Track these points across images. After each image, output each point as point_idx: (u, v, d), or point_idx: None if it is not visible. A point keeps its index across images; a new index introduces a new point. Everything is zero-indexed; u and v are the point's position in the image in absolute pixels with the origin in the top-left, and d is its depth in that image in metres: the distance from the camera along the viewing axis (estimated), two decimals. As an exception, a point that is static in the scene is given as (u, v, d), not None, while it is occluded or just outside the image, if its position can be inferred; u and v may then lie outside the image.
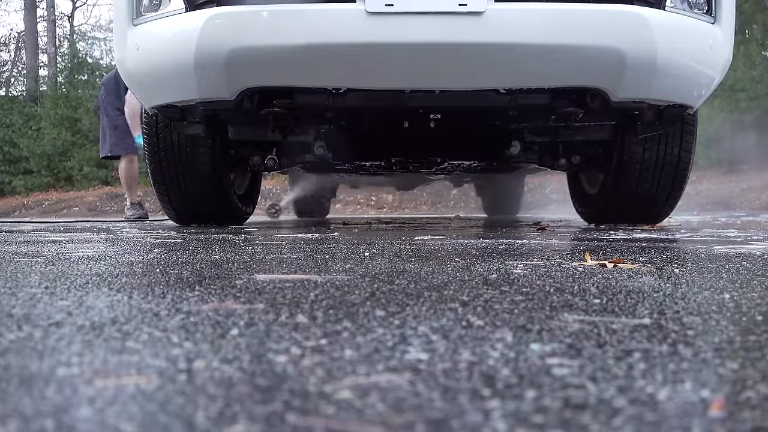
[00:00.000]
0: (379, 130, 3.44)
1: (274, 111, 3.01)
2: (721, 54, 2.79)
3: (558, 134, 3.43)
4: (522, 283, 0.98)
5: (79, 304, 0.78)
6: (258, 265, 1.28)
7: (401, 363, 0.50)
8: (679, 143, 3.24)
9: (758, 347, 0.56)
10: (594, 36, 2.53)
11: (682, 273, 1.12)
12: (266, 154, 3.45)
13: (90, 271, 1.15)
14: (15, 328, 0.64)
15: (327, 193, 7.08)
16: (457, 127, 3.33)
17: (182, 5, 2.66)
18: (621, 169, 3.33)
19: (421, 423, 0.37)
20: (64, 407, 0.40)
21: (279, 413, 0.39)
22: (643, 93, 2.72)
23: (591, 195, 3.84)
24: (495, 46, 2.51)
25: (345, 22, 2.49)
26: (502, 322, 0.67)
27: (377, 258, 1.41)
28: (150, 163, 3.32)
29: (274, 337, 0.60)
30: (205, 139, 3.17)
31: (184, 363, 0.51)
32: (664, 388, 0.44)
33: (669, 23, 2.61)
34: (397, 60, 2.55)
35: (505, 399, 0.41)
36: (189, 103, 2.85)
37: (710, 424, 0.37)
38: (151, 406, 0.40)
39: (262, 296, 0.84)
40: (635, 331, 0.63)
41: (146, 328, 0.64)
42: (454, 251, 1.61)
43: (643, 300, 0.81)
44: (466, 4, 2.45)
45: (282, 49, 2.54)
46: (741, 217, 5.29)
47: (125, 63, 2.86)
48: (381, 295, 0.86)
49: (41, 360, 0.52)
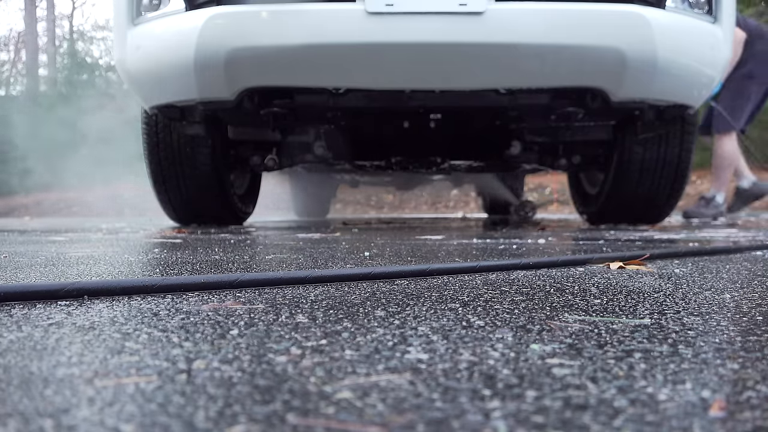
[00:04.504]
0: (379, 130, 3.44)
1: (274, 111, 3.01)
2: (721, 53, 2.79)
3: (558, 134, 3.43)
4: (522, 283, 0.98)
5: (78, 304, 0.78)
6: (258, 265, 1.28)
7: (401, 363, 0.50)
8: (680, 143, 3.24)
9: (759, 347, 0.56)
10: (594, 36, 2.53)
11: (683, 273, 1.12)
12: (266, 154, 3.45)
13: (90, 272, 1.15)
14: (15, 328, 0.64)
15: (327, 193, 7.08)
16: (458, 127, 3.33)
17: (182, 5, 2.66)
18: (621, 169, 3.33)
19: (422, 423, 0.37)
20: (64, 407, 0.40)
21: (279, 413, 0.39)
22: (643, 93, 2.72)
23: (591, 195, 3.84)
24: (495, 46, 2.50)
25: (345, 22, 2.49)
26: (502, 322, 0.67)
27: (377, 258, 1.41)
28: (150, 163, 3.32)
29: (274, 337, 0.60)
30: (205, 139, 3.17)
31: (184, 363, 0.50)
32: (665, 389, 0.44)
33: (669, 23, 2.61)
34: (397, 60, 2.55)
35: (505, 399, 0.41)
36: (189, 103, 2.85)
37: (711, 425, 0.37)
38: (151, 406, 0.40)
39: (262, 296, 0.84)
40: (636, 331, 0.63)
41: (146, 328, 0.64)
42: (454, 251, 1.61)
43: (643, 300, 0.81)
44: (466, 4, 2.45)
45: (282, 49, 2.54)
46: (741, 216, 5.29)
47: (125, 63, 2.86)
48: (381, 295, 0.86)
49: (41, 360, 0.51)
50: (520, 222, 4.27)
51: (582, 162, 3.57)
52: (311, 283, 0.95)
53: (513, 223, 4.10)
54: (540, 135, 3.47)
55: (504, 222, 4.27)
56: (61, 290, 0.81)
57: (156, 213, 7.08)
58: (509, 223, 4.10)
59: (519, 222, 4.27)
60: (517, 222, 4.26)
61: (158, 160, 3.28)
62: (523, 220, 4.70)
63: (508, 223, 4.10)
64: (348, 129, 3.34)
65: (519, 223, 4.11)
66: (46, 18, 23.55)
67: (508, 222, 4.27)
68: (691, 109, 2.99)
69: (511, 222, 4.26)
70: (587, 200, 3.91)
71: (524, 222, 4.28)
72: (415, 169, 4.03)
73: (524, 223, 4.12)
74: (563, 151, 3.58)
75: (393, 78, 2.65)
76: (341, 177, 5.51)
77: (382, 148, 3.68)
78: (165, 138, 3.22)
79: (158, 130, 3.22)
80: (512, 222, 4.26)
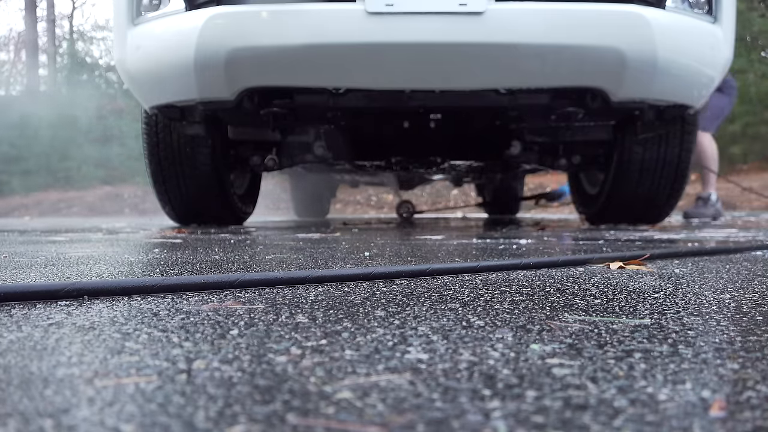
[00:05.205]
0: (379, 130, 3.44)
1: (274, 111, 3.01)
2: (721, 54, 2.79)
3: (558, 134, 3.43)
4: (522, 283, 0.98)
5: (79, 304, 0.78)
6: (258, 265, 1.28)
7: (401, 363, 0.50)
8: (680, 143, 3.24)
9: (759, 347, 0.56)
10: (594, 36, 2.53)
11: (683, 273, 1.12)
12: (266, 154, 3.45)
13: (90, 272, 1.15)
14: (15, 328, 0.64)
15: (327, 193, 7.08)
16: (458, 127, 3.33)
17: (182, 5, 2.66)
18: (621, 169, 3.33)
19: (422, 423, 0.37)
20: (64, 407, 0.40)
21: (279, 413, 0.39)
22: (643, 93, 2.72)
23: (591, 195, 3.84)
24: (495, 46, 2.50)
25: (345, 22, 2.49)
26: (502, 322, 0.67)
27: (377, 258, 1.41)
28: (150, 163, 3.32)
29: (274, 337, 0.60)
30: (205, 139, 3.17)
31: (184, 363, 0.50)
32: (665, 389, 0.44)
33: (669, 23, 2.61)
34: (397, 60, 2.55)
35: (505, 399, 0.41)
36: (189, 103, 2.85)
37: (711, 425, 0.37)
38: (151, 406, 0.40)
39: (262, 296, 0.84)
40: (636, 331, 0.63)
41: (146, 328, 0.64)
42: (454, 251, 1.61)
43: (643, 300, 0.81)
44: (467, 4, 2.45)
45: (282, 49, 2.54)
46: (741, 217, 5.29)
47: (125, 63, 2.86)
48: (381, 295, 0.86)
49: (41, 360, 0.51)
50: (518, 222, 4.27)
51: (582, 162, 3.58)
52: (311, 283, 0.95)
53: (512, 223, 4.10)
54: (540, 135, 3.47)
55: (504, 222, 4.27)
56: (61, 290, 0.81)
57: (156, 213, 7.07)
58: (509, 223, 4.10)
59: (518, 222, 4.27)
60: (517, 222, 4.26)
61: (158, 160, 3.28)
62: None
63: (508, 223, 4.10)
64: (348, 129, 3.34)
65: (519, 224, 4.11)
66: (46, 18, 23.55)
67: (508, 222, 4.27)
68: (691, 109, 2.99)
69: (510, 222, 4.26)
70: (587, 200, 3.91)
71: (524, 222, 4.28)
72: (416, 169, 4.03)
73: (524, 223, 4.12)
74: (563, 151, 3.58)
75: (393, 78, 2.65)
76: (341, 177, 5.52)
77: (382, 148, 3.68)
78: (165, 138, 3.22)
79: (158, 130, 3.22)
80: (511, 222, 4.26)
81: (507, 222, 4.31)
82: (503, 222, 4.30)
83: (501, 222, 4.30)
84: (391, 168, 3.98)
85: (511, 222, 4.34)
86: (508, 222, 4.31)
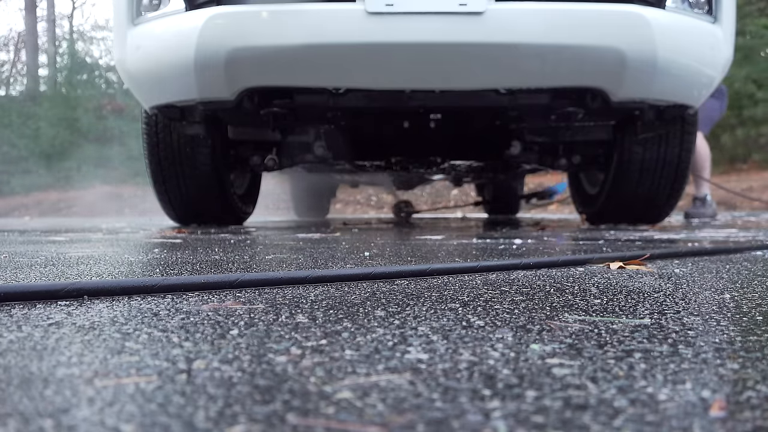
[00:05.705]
0: (379, 130, 3.44)
1: (274, 111, 3.01)
2: (721, 53, 2.79)
3: (558, 134, 3.43)
4: (522, 283, 0.98)
5: (79, 304, 0.78)
6: (258, 265, 1.28)
7: (401, 363, 0.50)
8: (680, 143, 3.24)
9: (759, 347, 0.56)
10: (594, 36, 2.53)
11: (683, 273, 1.12)
12: (266, 154, 3.45)
13: (90, 272, 1.15)
14: (15, 328, 0.64)
15: (327, 193, 7.08)
16: (458, 127, 3.34)
17: (182, 5, 2.66)
18: (621, 169, 3.33)
19: (422, 423, 0.37)
20: (64, 407, 0.40)
21: (279, 413, 0.39)
22: (643, 93, 2.72)
23: (591, 195, 3.84)
24: (495, 46, 2.51)
25: (345, 22, 2.49)
26: (502, 322, 0.67)
27: (377, 258, 1.41)
28: (150, 163, 3.32)
29: (274, 337, 0.60)
30: (205, 139, 3.17)
31: (184, 363, 0.50)
32: (665, 389, 0.44)
33: (669, 23, 2.61)
34: (397, 60, 2.55)
35: (505, 399, 0.41)
36: (189, 103, 2.85)
37: (711, 425, 0.37)
38: (151, 406, 0.40)
39: (262, 296, 0.84)
40: (636, 331, 0.63)
41: (146, 328, 0.64)
42: (454, 251, 1.61)
43: (643, 300, 0.81)
44: (467, 4, 2.45)
45: (282, 49, 2.54)
46: (741, 217, 5.29)
47: (125, 63, 2.86)
48: (381, 295, 0.86)
49: (41, 360, 0.51)
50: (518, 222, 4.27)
51: (582, 162, 3.58)
52: (311, 283, 0.95)
53: (512, 223, 4.10)
54: (540, 135, 3.47)
55: (504, 222, 4.27)
56: (61, 290, 0.81)
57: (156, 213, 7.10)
58: (509, 222, 4.10)
59: (517, 222, 4.27)
60: (517, 222, 4.26)
61: (158, 160, 3.28)
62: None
63: (508, 222, 4.10)
64: (348, 129, 3.34)
65: (518, 223, 4.11)
66: (46, 18, 23.55)
67: (508, 222, 4.27)
68: (691, 109, 2.99)
69: (510, 222, 4.26)
70: (587, 200, 3.91)
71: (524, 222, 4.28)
72: (415, 169, 4.03)
73: (524, 223, 4.12)
74: (563, 151, 3.58)
75: (393, 78, 2.65)
76: (341, 177, 5.52)
77: (382, 148, 3.68)
78: (165, 138, 3.22)
79: (158, 130, 3.22)
80: (511, 222, 4.26)
81: (507, 222, 4.31)
82: (503, 222, 4.30)
83: (501, 222, 4.30)
84: (391, 168, 3.98)
85: (511, 222, 4.34)
86: (508, 222, 4.31)
